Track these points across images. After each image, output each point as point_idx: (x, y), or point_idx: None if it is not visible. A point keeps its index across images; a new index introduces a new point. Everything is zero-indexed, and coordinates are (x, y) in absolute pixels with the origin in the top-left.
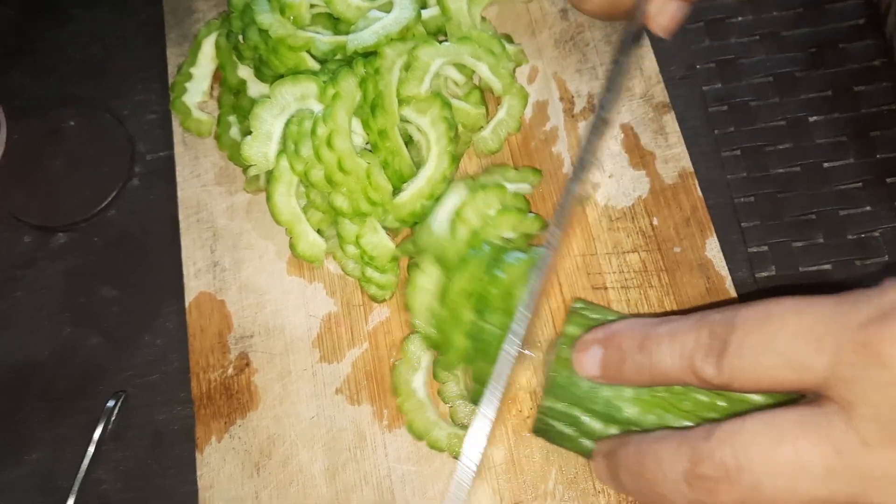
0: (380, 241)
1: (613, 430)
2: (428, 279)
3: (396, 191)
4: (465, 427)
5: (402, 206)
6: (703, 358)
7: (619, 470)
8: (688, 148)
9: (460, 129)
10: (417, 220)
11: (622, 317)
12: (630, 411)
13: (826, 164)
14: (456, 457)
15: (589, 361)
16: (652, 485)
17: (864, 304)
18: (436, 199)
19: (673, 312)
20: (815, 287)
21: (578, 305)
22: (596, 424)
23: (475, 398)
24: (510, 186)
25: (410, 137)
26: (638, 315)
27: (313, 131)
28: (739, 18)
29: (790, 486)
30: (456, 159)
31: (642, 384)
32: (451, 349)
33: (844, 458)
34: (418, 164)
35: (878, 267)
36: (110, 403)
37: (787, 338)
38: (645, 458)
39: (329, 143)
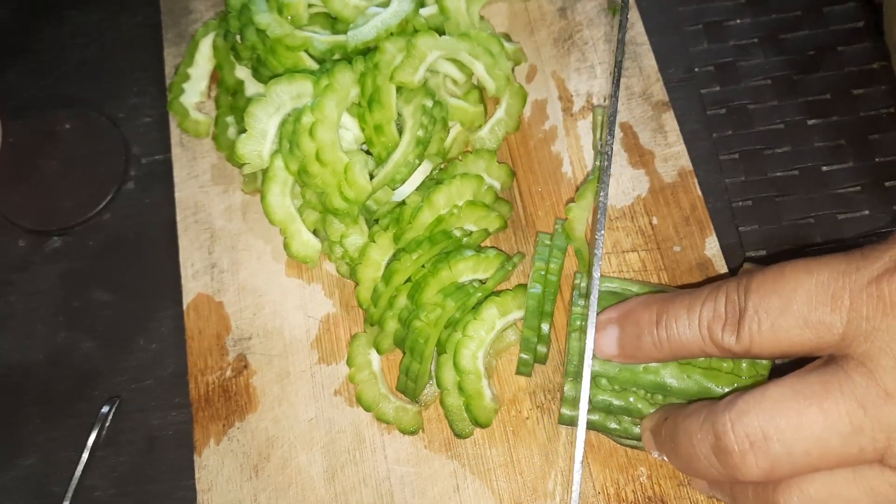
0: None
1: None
2: (380, 253)
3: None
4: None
5: (365, 188)
6: (721, 327)
7: (662, 447)
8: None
9: (458, 128)
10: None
11: (643, 285)
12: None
13: (824, 168)
14: (403, 431)
15: (605, 341)
16: (688, 460)
17: (875, 257)
18: (398, 183)
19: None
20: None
21: (577, 281)
22: (641, 404)
23: (401, 388)
24: (487, 179)
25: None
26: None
27: (298, 119)
28: (738, 21)
29: (820, 447)
30: (423, 145)
31: (661, 359)
32: (383, 330)
33: (870, 412)
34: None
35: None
36: (105, 409)
37: (803, 297)
38: (678, 435)
39: (311, 133)
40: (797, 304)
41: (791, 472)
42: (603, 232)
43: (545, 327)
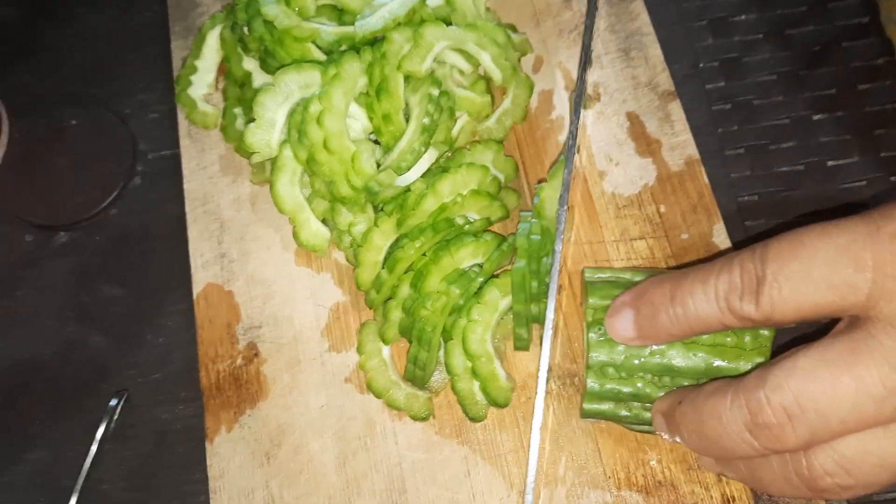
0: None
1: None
2: (382, 238)
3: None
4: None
5: (372, 177)
6: (739, 296)
7: (680, 428)
8: None
9: (466, 117)
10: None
11: (635, 272)
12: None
13: (830, 163)
14: (414, 417)
15: (622, 324)
16: (716, 440)
17: (894, 215)
18: (403, 170)
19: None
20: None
21: (589, 275)
22: (650, 389)
23: (409, 377)
24: (493, 171)
25: None
26: (642, 267)
27: (306, 107)
28: (743, 17)
29: (856, 413)
30: (429, 132)
31: (680, 336)
32: (386, 319)
33: None
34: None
35: None
36: (113, 402)
37: (824, 260)
38: (702, 416)
39: (319, 121)
40: (818, 267)
41: (829, 438)
42: (566, 208)
43: (534, 309)
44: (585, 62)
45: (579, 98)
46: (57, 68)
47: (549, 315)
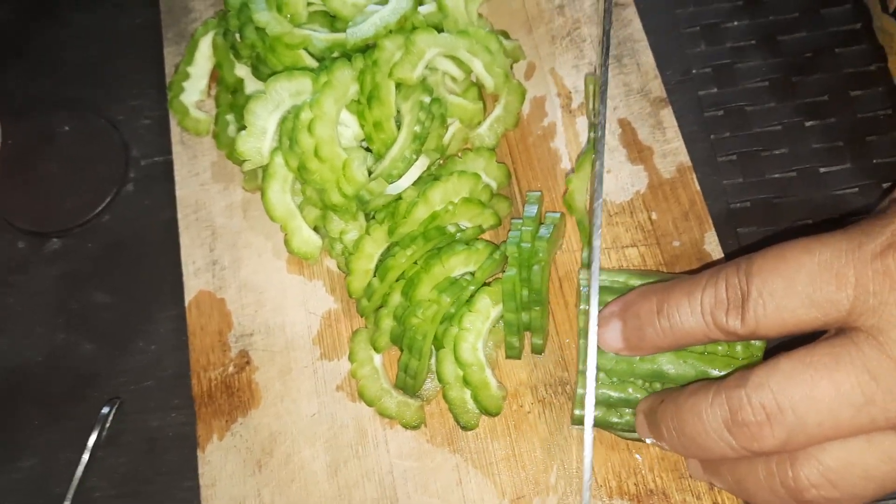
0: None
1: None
2: (374, 246)
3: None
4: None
5: (363, 185)
6: (725, 312)
7: (660, 428)
8: None
9: (457, 124)
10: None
11: (630, 275)
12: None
13: (822, 170)
14: (406, 425)
15: (609, 335)
16: (694, 438)
17: (876, 233)
18: (394, 178)
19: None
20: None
21: (583, 280)
22: (640, 395)
23: (400, 385)
24: (484, 178)
25: None
26: (630, 269)
27: (296, 115)
28: (735, 23)
29: (833, 418)
30: (420, 140)
31: (667, 348)
32: (378, 328)
33: (881, 383)
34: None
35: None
36: (105, 410)
37: (807, 277)
38: (683, 414)
39: (310, 129)
40: (801, 284)
41: (806, 443)
42: (601, 200)
43: (525, 317)
44: (607, 47)
45: (604, 87)
46: (49, 73)
47: (593, 313)
